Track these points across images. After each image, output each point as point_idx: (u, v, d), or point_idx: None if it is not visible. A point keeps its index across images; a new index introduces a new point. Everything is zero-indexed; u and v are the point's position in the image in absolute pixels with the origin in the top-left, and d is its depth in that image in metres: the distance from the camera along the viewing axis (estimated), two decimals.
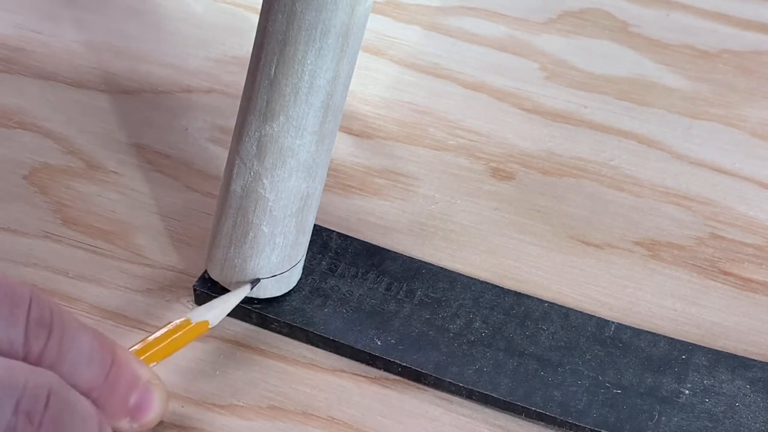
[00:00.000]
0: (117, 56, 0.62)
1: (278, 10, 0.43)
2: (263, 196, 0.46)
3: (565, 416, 0.45)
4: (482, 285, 0.50)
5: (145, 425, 0.43)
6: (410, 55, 0.63)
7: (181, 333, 0.46)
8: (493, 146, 0.58)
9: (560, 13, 0.67)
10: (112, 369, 0.42)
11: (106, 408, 0.41)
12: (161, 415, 0.43)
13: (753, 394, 0.47)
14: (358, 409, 0.46)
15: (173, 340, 0.45)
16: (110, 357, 0.42)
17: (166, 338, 0.45)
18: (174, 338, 0.46)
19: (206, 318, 0.46)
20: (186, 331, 0.46)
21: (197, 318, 0.46)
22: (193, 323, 0.46)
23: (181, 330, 0.46)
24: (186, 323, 0.46)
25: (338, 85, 0.45)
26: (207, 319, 0.46)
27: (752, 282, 0.52)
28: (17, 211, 0.54)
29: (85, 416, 0.40)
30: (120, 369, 0.42)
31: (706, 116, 0.60)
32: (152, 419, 0.43)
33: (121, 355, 0.42)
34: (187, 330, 0.46)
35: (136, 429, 0.43)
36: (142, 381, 0.43)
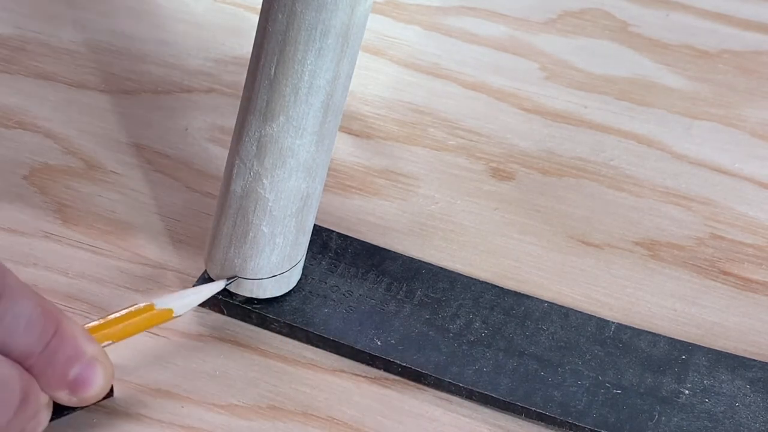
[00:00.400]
0: (117, 56, 0.62)
1: (278, 10, 0.43)
2: (263, 197, 0.46)
3: (565, 416, 0.45)
4: (482, 285, 0.50)
5: (84, 400, 0.43)
6: (410, 55, 0.63)
7: (142, 317, 0.45)
8: (493, 146, 0.58)
9: (560, 13, 0.67)
10: (53, 339, 0.42)
11: (43, 377, 0.42)
12: (103, 392, 0.43)
13: (753, 394, 0.47)
14: (358, 409, 0.46)
15: (132, 323, 0.45)
16: (53, 327, 0.42)
17: (125, 320, 0.45)
18: (134, 321, 0.45)
19: (171, 306, 0.46)
20: (148, 316, 0.45)
21: (162, 305, 0.46)
22: (157, 309, 0.45)
23: (143, 314, 0.45)
24: (149, 308, 0.45)
25: (338, 85, 0.45)
26: (172, 307, 0.46)
27: (752, 282, 0.52)
28: (17, 211, 0.53)
29: (4, 380, 0.40)
30: (62, 340, 0.42)
31: (706, 116, 0.60)
32: (92, 395, 0.43)
33: (66, 327, 0.42)
34: (149, 315, 0.45)
35: (76, 402, 0.43)
36: (86, 356, 0.42)
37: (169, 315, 0.46)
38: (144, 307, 0.45)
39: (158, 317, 0.46)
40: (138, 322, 0.45)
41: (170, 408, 0.46)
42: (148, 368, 0.47)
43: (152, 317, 0.45)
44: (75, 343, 0.42)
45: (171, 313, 0.46)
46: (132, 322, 0.45)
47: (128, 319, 0.45)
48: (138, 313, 0.45)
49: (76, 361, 0.42)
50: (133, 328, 0.45)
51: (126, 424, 0.45)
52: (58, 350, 0.42)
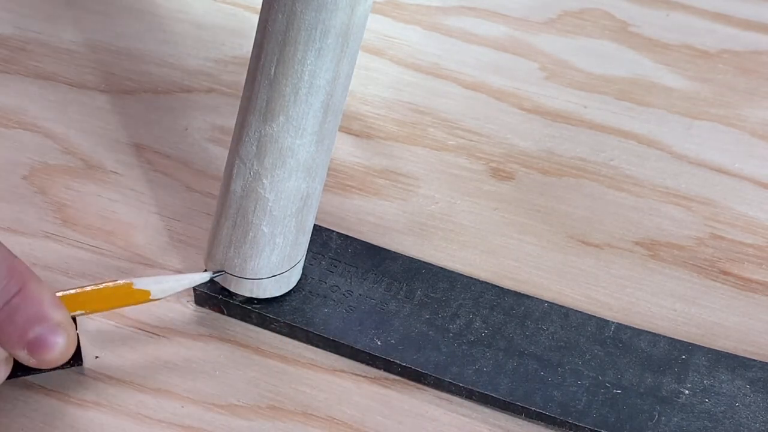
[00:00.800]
0: (117, 56, 0.62)
1: (278, 10, 0.43)
2: (263, 196, 0.46)
3: (565, 416, 0.45)
4: (482, 285, 0.50)
5: (44, 362, 0.44)
6: (410, 55, 0.63)
7: (118, 294, 0.45)
8: (493, 146, 0.58)
9: (560, 13, 0.67)
10: (15, 297, 0.43)
11: (2, 333, 0.43)
12: (63, 357, 0.44)
13: (753, 394, 0.47)
14: (358, 409, 0.46)
15: (108, 298, 0.45)
16: (17, 286, 0.42)
17: (100, 293, 0.45)
18: (109, 296, 0.45)
19: (150, 288, 0.46)
20: (124, 294, 0.45)
21: (141, 285, 0.46)
22: (135, 288, 0.45)
23: (120, 291, 0.45)
24: (127, 286, 0.45)
25: (338, 85, 0.45)
26: (150, 289, 0.46)
27: (752, 282, 0.52)
28: (17, 211, 0.54)
29: None
30: (25, 300, 0.42)
31: (706, 116, 0.60)
32: (51, 359, 0.44)
33: (33, 288, 0.43)
34: (125, 293, 0.45)
35: (35, 363, 0.44)
36: (50, 320, 0.43)
37: (146, 297, 0.46)
38: (122, 284, 0.45)
39: (134, 297, 0.46)
40: (113, 298, 0.45)
41: (170, 408, 0.46)
42: (148, 368, 0.47)
43: (128, 296, 0.46)
44: (39, 305, 0.43)
45: (148, 295, 0.46)
46: (107, 297, 0.45)
47: (104, 294, 0.45)
48: (115, 290, 0.45)
49: (37, 323, 0.43)
50: (108, 304, 0.46)
51: (126, 423, 0.45)
52: (19, 308, 0.43)
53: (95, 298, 0.45)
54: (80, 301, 0.45)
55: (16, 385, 0.46)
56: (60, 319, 0.43)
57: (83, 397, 0.46)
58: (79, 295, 0.45)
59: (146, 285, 0.46)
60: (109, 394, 0.46)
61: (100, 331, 0.48)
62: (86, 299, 0.45)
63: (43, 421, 0.45)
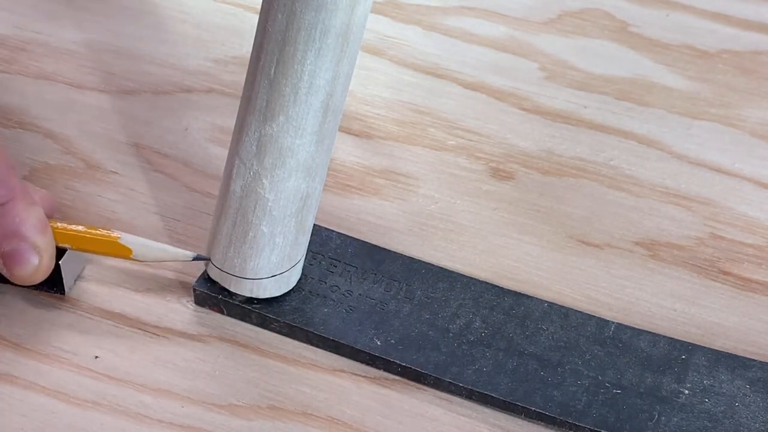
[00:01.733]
0: (117, 56, 0.62)
1: (278, 10, 0.43)
2: (263, 196, 0.46)
3: (565, 416, 0.45)
4: (482, 285, 0.50)
5: (14, 277, 0.47)
6: (410, 55, 0.63)
7: (102, 240, 0.48)
8: (493, 146, 0.58)
9: (560, 13, 0.67)
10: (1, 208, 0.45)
11: None
12: (33, 278, 0.47)
13: (752, 394, 0.47)
14: (358, 409, 0.46)
15: (93, 242, 0.48)
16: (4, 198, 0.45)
17: (89, 236, 0.48)
18: (95, 241, 0.48)
19: (132, 247, 0.48)
20: (108, 243, 0.48)
21: (126, 242, 0.48)
22: (120, 242, 0.48)
23: (107, 240, 0.48)
24: (114, 239, 0.48)
25: (338, 85, 0.45)
26: (132, 248, 0.48)
27: (752, 282, 0.52)
28: None
29: None
30: (5, 215, 0.46)
31: (706, 116, 0.60)
32: (21, 275, 0.47)
33: (18, 206, 0.46)
34: (109, 242, 0.48)
35: (7, 275, 0.47)
36: (28, 240, 0.46)
37: (128, 254, 0.48)
38: (110, 235, 0.48)
39: (117, 250, 0.48)
40: (99, 244, 0.48)
41: (170, 408, 0.46)
42: (148, 368, 0.47)
43: (112, 247, 0.48)
44: (20, 222, 0.46)
45: (129, 253, 0.48)
46: (94, 241, 0.48)
47: (92, 238, 0.48)
48: (102, 237, 0.48)
49: (14, 238, 0.46)
50: (92, 247, 0.48)
51: (126, 424, 0.45)
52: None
53: (83, 238, 0.48)
54: (69, 236, 0.48)
55: (15, 385, 0.46)
56: (38, 242, 0.46)
57: (83, 397, 0.46)
58: (70, 231, 0.48)
59: (131, 243, 0.48)
60: (109, 394, 0.46)
61: (100, 331, 0.48)
62: (75, 237, 0.48)
63: (42, 421, 0.45)
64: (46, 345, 0.48)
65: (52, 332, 0.48)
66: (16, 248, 0.46)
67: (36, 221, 0.46)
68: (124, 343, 0.48)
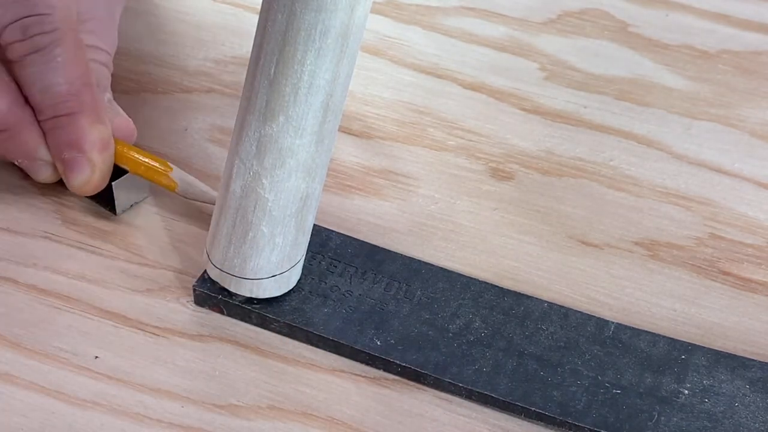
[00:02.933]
0: (117, 56, 0.62)
1: (278, 10, 0.43)
2: (263, 196, 0.46)
3: (565, 416, 0.46)
4: (482, 285, 0.51)
5: (69, 183, 0.51)
6: (410, 55, 0.64)
7: (154, 169, 0.52)
8: (493, 146, 0.58)
9: (560, 13, 0.67)
10: (64, 117, 0.50)
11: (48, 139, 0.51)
12: (84, 188, 0.51)
13: (752, 394, 0.47)
14: (357, 409, 0.46)
15: (145, 166, 0.52)
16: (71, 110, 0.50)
17: (144, 160, 0.52)
18: (148, 165, 0.52)
19: (179, 183, 0.52)
20: (159, 174, 0.52)
21: (175, 176, 0.52)
22: (171, 174, 0.52)
23: (158, 169, 0.52)
24: (165, 170, 0.52)
25: (338, 85, 0.45)
26: (178, 184, 0.52)
27: (752, 282, 0.52)
28: (17, 211, 0.54)
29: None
30: (70, 126, 0.50)
31: (706, 116, 0.60)
32: (73, 183, 0.51)
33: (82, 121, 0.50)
34: (161, 174, 0.52)
35: (65, 181, 0.51)
36: (85, 153, 0.50)
37: (173, 187, 0.52)
38: (161, 168, 0.52)
39: (165, 181, 0.52)
40: (150, 171, 0.52)
41: (170, 408, 0.46)
42: (148, 368, 0.47)
43: (161, 176, 0.52)
44: (81, 136, 0.50)
45: (174, 187, 0.52)
46: (146, 167, 0.52)
47: (145, 163, 0.52)
48: (155, 167, 0.52)
49: (73, 148, 0.50)
50: (143, 172, 0.52)
51: (126, 424, 0.45)
52: (63, 128, 0.50)
53: (139, 163, 0.52)
54: (128, 159, 0.52)
55: (15, 385, 0.46)
56: (93, 157, 0.50)
57: (83, 397, 0.46)
58: (129, 154, 0.52)
59: (178, 178, 0.52)
60: (109, 394, 0.46)
61: (100, 331, 0.49)
62: (133, 161, 0.52)
63: (42, 421, 0.45)
64: (46, 345, 0.48)
65: (52, 332, 0.48)
66: (74, 157, 0.50)
67: (97, 138, 0.50)
68: (124, 343, 0.48)
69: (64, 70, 0.50)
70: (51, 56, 0.50)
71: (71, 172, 0.51)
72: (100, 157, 0.51)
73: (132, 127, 0.53)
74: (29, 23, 0.49)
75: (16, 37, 0.49)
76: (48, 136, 0.51)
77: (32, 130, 0.51)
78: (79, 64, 0.50)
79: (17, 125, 0.50)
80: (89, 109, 0.50)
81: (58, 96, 0.50)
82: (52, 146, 0.51)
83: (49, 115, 0.50)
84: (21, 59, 0.50)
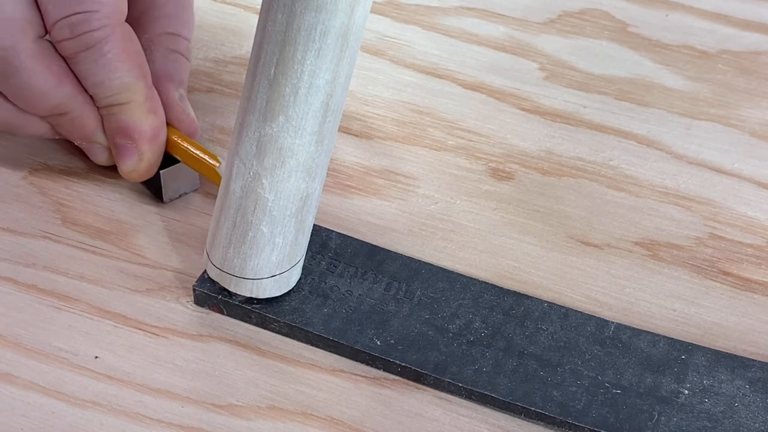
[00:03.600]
0: None
1: (278, 10, 0.43)
2: (263, 197, 0.46)
3: (565, 416, 0.46)
4: (482, 285, 0.51)
5: (119, 168, 0.53)
6: (410, 55, 0.64)
7: (203, 163, 0.52)
8: (493, 146, 0.58)
9: (560, 13, 0.67)
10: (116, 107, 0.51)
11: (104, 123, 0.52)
12: (132, 175, 0.53)
13: (752, 394, 0.47)
14: (357, 409, 0.46)
15: (195, 158, 0.52)
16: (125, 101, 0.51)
17: (194, 153, 0.52)
18: (197, 158, 0.52)
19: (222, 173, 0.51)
20: (207, 166, 0.52)
21: (221, 170, 0.51)
22: (219, 168, 0.52)
23: (206, 163, 0.52)
24: (214, 165, 0.52)
25: (338, 85, 0.45)
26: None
27: (752, 282, 0.52)
28: (17, 211, 0.54)
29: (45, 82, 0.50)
30: (122, 114, 0.52)
31: (706, 116, 0.60)
32: (122, 169, 0.53)
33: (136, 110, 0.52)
34: (209, 167, 0.52)
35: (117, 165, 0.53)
36: (135, 141, 0.52)
37: (217, 179, 0.51)
38: (210, 161, 0.52)
39: (210, 172, 0.52)
40: (199, 163, 0.52)
41: (170, 408, 0.46)
42: (148, 368, 0.47)
43: (207, 168, 0.52)
44: (133, 125, 0.52)
45: (218, 179, 0.51)
46: (195, 159, 0.52)
47: (195, 156, 0.52)
48: (204, 160, 0.52)
49: (124, 135, 0.52)
50: (193, 163, 0.52)
51: (126, 424, 0.45)
52: (116, 116, 0.52)
53: (189, 155, 0.52)
54: (179, 149, 0.53)
55: (15, 385, 0.46)
56: (142, 147, 0.52)
57: (83, 397, 0.46)
58: (181, 145, 0.53)
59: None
60: (109, 394, 0.46)
61: (100, 331, 0.49)
62: (183, 151, 0.53)
63: (42, 421, 0.45)
64: (46, 345, 0.48)
65: (52, 332, 0.48)
66: (124, 144, 0.52)
67: (148, 128, 0.52)
68: (124, 343, 0.48)
69: (115, 66, 0.50)
70: (100, 53, 0.50)
71: (121, 158, 0.52)
72: (149, 146, 0.52)
73: (195, 126, 0.54)
74: (77, 21, 0.49)
75: (65, 35, 0.50)
76: (104, 122, 0.52)
77: (91, 115, 0.52)
78: (130, 57, 0.51)
79: (77, 109, 0.51)
80: (141, 99, 0.51)
81: (110, 90, 0.51)
82: (107, 131, 0.52)
83: (103, 104, 0.52)
84: (72, 57, 0.50)
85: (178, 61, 0.55)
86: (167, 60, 0.54)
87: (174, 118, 0.53)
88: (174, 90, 0.54)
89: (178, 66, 0.54)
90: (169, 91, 0.53)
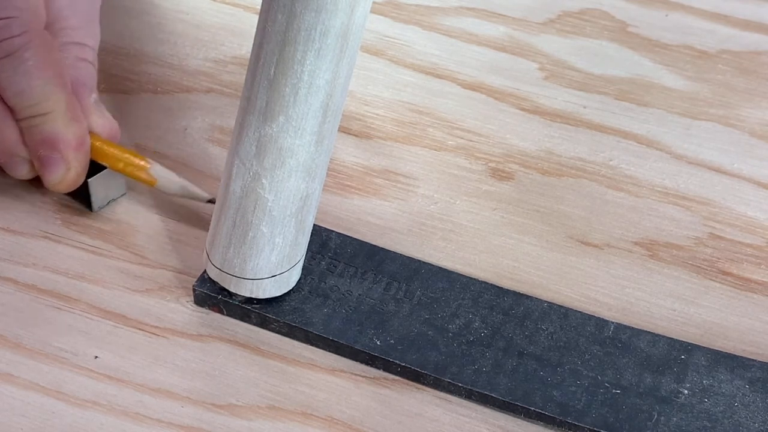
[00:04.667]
0: (117, 56, 0.62)
1: (278, 10, 0.43)
2: (262, 197, 0.46)
3: (565, 416, 0.46)
4: (481, 285, 0.51)
5: (45, 180, 0.51)
6: (410, 55, 0.64)
7: (134, 165, 0.52)
8: (492, 146, 0.58)
9: (559, 13, 0.67)
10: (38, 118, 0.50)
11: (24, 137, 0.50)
12: (59, 186, 0.51)
13: (752, 394, 0.47)
14: (357, 409, 0.46)
15: (124, 162, 0.52)
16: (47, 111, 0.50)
17: (123, 157, 0.52)
18: (127, 162, 0.52)
19: (159, 178, 0.52)
20: (138, 167, 0.52)
21: (154, 173, 0.52)
22: (150, 170, 0.52)
23: (137, 165, 0.52)
24: (144, 167, 0.51)
25: (337, 85, 0.45)
26: (158, 180, 0.52)
27: (751, 282, 0.52)
28: (17, 211, 0.54)
29: None
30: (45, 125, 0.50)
31: (705, 116, 0.60)
32: (48, 180, 0.51)
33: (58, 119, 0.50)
34: (140, 168, 0.51)
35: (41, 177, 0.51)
36: (60, 152, 0.50)
37: (152, 183, 0.52)
38: (140, 163, 0.52)
39: (142, 175, 0.52)
40: (129, 167, 0.52)
41: (170, 408, 0.46)
42: (148, 368, 0.47)
43: (138, 171, 0.52)
44: (56, 135, 0.50)
45: (154, 183, 0.52)
46: (125, 163, 0.52)
47: (124, 160, 0.52)
48: (134, 163, 0.52)
49: (47, 147, 0.50)
50: (123, 169, 0.52)
51: (126, 424, 0.45)
52: (37, 128, 0.50)
53: (118, 160, 0.52)
54: (106, 155, 0.52)
55: (15, 385, 0.46)
56: (68, 156, 0.50)
57: (83, 397, 0.46)
58: (108, 151, 0.52)
59: (158, 175, 0.52)
60: (109, 394, 0.46)
61: (100, 331, 0.49)
62: (111, 157, 0.52)
63: (42, 421, 0.45)
64: (46, 345, 0.48)
65: (52, 332, 0.48)
66: (48, 155, 0.50)
67: (72, 137, 0.50)
68: (124, 343, 0.48)
69: (36, 73, 0.49)
70: (21, 60, 0.49)
71: (46, 170, 0.51)
72: (75, 155, 0.51)
73: (116, 128, 0.53)
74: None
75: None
76: (24, 135, 0.50)
77: (10, 128, 0.50)
78: (52, 65, 0.50)
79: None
80: (63, 108, 0.50)
81: (31, 99, 0.50)
82: (29, 143, 0.51)
83: (24, 115, 0.50)
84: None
85: (87, 69, 0.53)
86: (77, 68, 0.53)
87: (94, 123, 0.52)
88: (88, 96, 0.52)
89: (86, 73, 0.53)
90: (84, 97, 0.52)
